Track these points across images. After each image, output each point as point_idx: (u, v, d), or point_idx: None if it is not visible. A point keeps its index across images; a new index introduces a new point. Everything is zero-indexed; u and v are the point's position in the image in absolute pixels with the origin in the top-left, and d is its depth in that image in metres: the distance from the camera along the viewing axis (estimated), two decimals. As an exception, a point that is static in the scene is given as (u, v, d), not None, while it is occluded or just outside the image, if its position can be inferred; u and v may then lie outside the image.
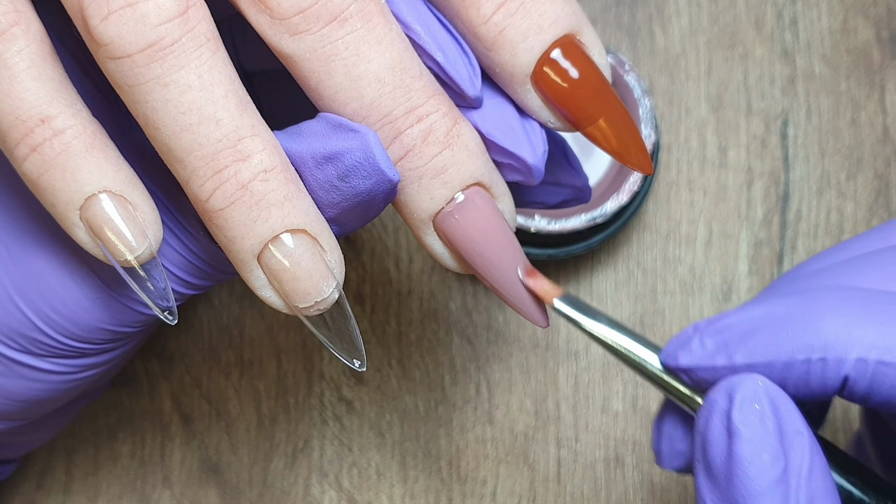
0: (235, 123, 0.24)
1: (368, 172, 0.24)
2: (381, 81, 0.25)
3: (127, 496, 0.43)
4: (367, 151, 0.24)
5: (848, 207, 0.44)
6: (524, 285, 0.27)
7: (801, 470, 0.24)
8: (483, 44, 0.26)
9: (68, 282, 0.28)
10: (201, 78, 0.23)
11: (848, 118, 0.44)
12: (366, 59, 0.24)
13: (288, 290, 0.25)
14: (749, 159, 0.44)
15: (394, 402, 0.43)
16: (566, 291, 0.28)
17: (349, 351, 0.26)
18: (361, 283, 0.44)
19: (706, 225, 0.44)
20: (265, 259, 0.25)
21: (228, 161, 0.24)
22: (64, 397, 0.32)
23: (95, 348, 0.30)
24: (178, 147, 0.24)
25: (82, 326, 0.29)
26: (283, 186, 0.24)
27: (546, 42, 0.26)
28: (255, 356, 0.43)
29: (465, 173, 0.26)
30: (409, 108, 0.25)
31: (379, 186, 0.25)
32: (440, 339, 0.43)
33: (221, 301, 0.44)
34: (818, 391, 0.25)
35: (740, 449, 0.24)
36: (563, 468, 0.43)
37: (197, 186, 0.24)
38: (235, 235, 0.24)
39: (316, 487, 0.43)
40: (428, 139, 0.25)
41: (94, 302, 0.28)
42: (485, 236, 0.26)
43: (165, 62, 0.23)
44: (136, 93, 0.23)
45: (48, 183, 0.24)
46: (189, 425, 0.43)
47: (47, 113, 0.24)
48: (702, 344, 0.26)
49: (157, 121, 0.24)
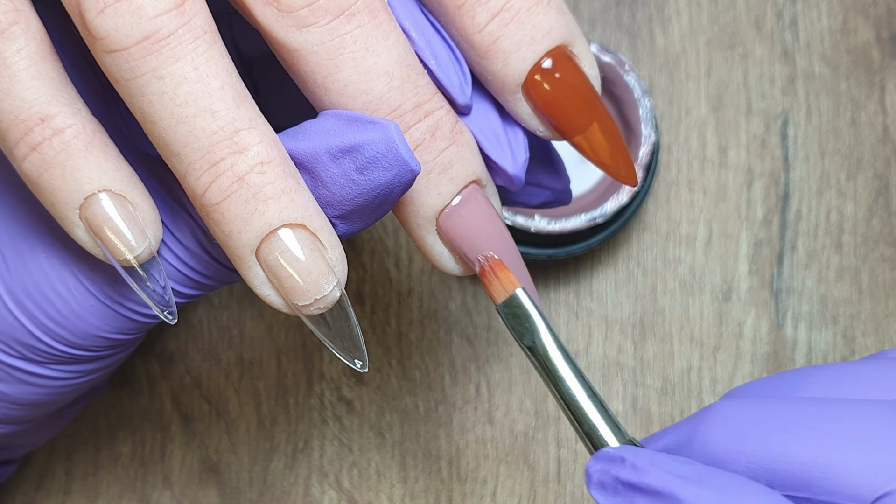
0: (232, 115, 0.23)
1: (390, 163, 0.24)
2: (389, 76, 0.25)
3: (127, 496, 0.43)
4: (389, 142, 0.24)
5: (848, 207, 0.44)
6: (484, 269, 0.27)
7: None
8: (476, 52, 0.26)
9: (64, 291, 0.28)
10: (197, 70, 0.23)
11: (848, 118, 0.44)
12: (374, 52, 0.24)
13: (287, 288, 0.25)
14: (749, 159, 0.44)
15: (394, 403, 0.43)
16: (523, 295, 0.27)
17: (350, 351, 0.26)
18: (361, 284, 0.44)
19: (706, 225, 0.44)
20: (263, 255, 0.24)
21: (225, 153, 0.23)
22: (64, 400, 0.32)
23: (93, 355, 0.30)
24: (175, 140, 0.23)
25: (79, 335, 0.29)
26: (280, 179, 0.24)
27: (539, 53, 0.26)
28: (255, 356, 0.43)
29: (468, 169, 0.26)
30: (417, 104, 0.25)
31: (399, 178, 0.24)
32: (440, 339, 0.43)
33: (221, 301, 0.44)
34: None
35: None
36: (563, 468, 0.42)
37: (193, 180, 0.24)
38: (232, 230, 0.24)
39: (316, 487, 0.43)
40: (436, 134, 0.25)
41: (89, 311, 0.28)
42: (488, 232, 0.26)
43: (161, 54, 0.23)
44: (132, 86, 0.23)
45: (48, 182, 0.24)
46: (189, 425, 0.43)
47: (47, 112, 0.24)
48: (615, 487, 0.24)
49: (153, 114, 0.23)
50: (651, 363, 0.43)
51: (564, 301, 0.44)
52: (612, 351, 0.43)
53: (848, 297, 0.43)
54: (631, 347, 0.43)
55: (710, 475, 0.23)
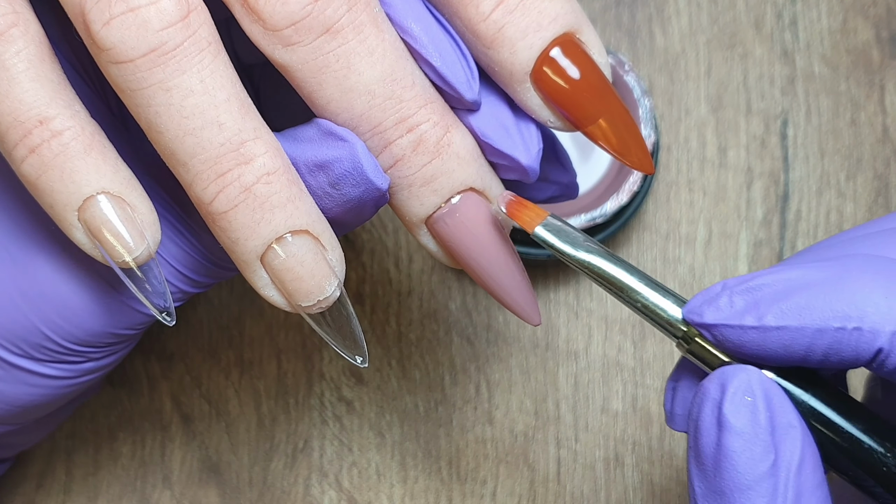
0: (238, 127, 0.24)
1: (357, 181, 0.25)
2: (371, 94, 0.25)
3: (127, 496, 0.43)
4: (354, 161, 0.25)
5: (848, 207, 0.44)
6: (506, 212, 0.27)
7: (790, 464, 0.24)
8: (482, 42, 0.26)
9: (74, 286, 0.28)
10: (203, 82, 0.23)
11: (848, 118, 0.44)
12: (356, 71, 0.25)
13: (291, 290, 0.25)
14: (749, 159, 0.44)
15: (394, 403, 0.43)
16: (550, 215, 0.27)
17: (351, 347, 0.27)
18: (361, 283, 0.44)
19: (706, 225, 0.44)
20: (268, 259, 0.25)
21: (231, 164, 0.24)
22: (61, 401, 0.32)
23: (98, 352, 0.30)
24: (182, 151, 0.24)
25: (87, 331, 0.29)
26: (286, 188, 0.24)
27: (546, 40, 0.25)
28: (255, 356, 0.43)
29: (456, 181, 0.26)
30: (399, 119, 0.25)
31: (368, 194, 0.25)
32: (440, 339, 0.43)
33: (221, 301, 0.44)
34: (848, 361, 0.24)
35: (729, 441, 0.24)
36: (562, 468, 0.42)
37: (200, 189, 0.24)
38: (239, 237, 0.25)
39: (316, 487, 0.43)
40: (418, 149, 0.25)
41: (99, 305, 0.28)
42: (475, 239, 0.27)
43: (168, 67, 0.23)
44: (138, 97, 0.24)
45: (46, 184, 0.24)
46: (189, 425, 0.43)
47: (46, 114, 0.24)
48: (731, 301, 0.25)
49: (160, 125, 0.24)
50: (651, 363, 0.43)
51: (564, 301, 0.44)
52: (611, 351, 0.43)
53: (848, 297, 0.43)
54: (631, 347, 0.43)
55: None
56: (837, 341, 0.24)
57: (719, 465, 0.24)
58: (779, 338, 0.25)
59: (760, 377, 0.25)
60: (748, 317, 0.25)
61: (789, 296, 0.25)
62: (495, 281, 0.28)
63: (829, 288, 0.24)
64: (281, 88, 0.30)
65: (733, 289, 0.25)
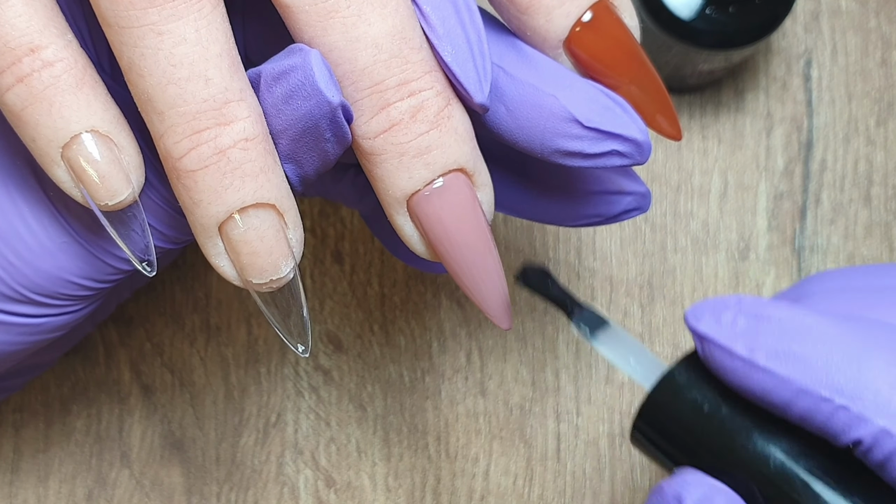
0: (225, 85, 0.24)
1: (308, 93, 0.25)
2: (377, 47, 0.25)
3: (81, 475, 0.42)
4: (306, 69, 0.25)
5: (878, 156, 0.43)
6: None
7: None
8: (517, 6, 0.26)
9: (33, 222, 0.28)
10: (198, 32, 0.24)
11: (878, 58, 0.43)
12: (366, 20, 0.25)
13: (245, 264, 0.26)
14: (769, 103, 0.43)
15: (376, 372, 0.42)
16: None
17: (294, 334, 0.28)
18: (340, 241, 0.42)
19: (721, 176, 0.43)
20: (228, 229, 0.25)
21: (210, 123, 0.24)
22: (7, 361, 0.31)
23: (54, 306, 0.30)
24: (161, 99, 0.24)
25: (43, 274, 0.29)
26: (261, 158, 0.25)
27: (583, 7, 0.26)
28: (223, 321, 0.42)
29: (450, 157, 0.26)
30: (403, 81, 0.25)
31: (318, 109, 0.25)
32: (427, 301, 0.42)
33: (186, 260, 0.43)
34: (826, 434, 0.25)
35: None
36: (562, 444, 0.42)
37: (171, 142, 0.24)
38: (202, 199, 0.25)
39: (290, 466, 0.42)
40: (417, 116, 0.26)
41: (59, 247, 0.29)
42: (459, 225, 0.27)
43: (164, 9, 0.24)
44: (126, 35, 0.24)
45: (31, 117, 0.25)
46: (150, 397, 0.42)
47: (38, 42, 0.25)
48: (734, 321, 0.26)
49: (144, 68, 0.24)
50: (660, 328, 0.42)
51: (565, 260, 0.43)
52: (617, 315, 0.43)
53: (878, 256, 0.43)
54: (638, 311, 0.42)
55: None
56: (818, 410, 0.24)
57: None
58: (761, 379, 0.25)
59: (717, 494, 0.25)
60: (740, 344, 0.25)
61: (792, 340, 0.25)
62: (470, 274, 0.28)
63: (836, 353, 0.25)
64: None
65: (744, 308, 0.26)
